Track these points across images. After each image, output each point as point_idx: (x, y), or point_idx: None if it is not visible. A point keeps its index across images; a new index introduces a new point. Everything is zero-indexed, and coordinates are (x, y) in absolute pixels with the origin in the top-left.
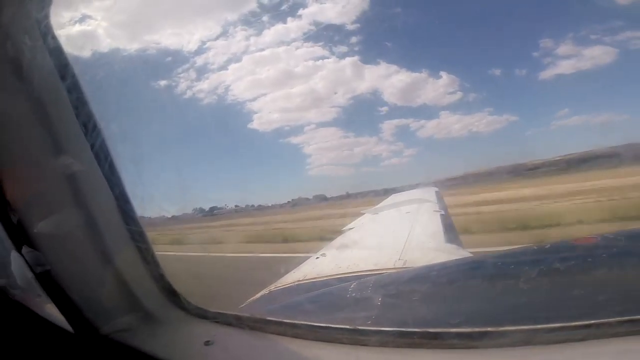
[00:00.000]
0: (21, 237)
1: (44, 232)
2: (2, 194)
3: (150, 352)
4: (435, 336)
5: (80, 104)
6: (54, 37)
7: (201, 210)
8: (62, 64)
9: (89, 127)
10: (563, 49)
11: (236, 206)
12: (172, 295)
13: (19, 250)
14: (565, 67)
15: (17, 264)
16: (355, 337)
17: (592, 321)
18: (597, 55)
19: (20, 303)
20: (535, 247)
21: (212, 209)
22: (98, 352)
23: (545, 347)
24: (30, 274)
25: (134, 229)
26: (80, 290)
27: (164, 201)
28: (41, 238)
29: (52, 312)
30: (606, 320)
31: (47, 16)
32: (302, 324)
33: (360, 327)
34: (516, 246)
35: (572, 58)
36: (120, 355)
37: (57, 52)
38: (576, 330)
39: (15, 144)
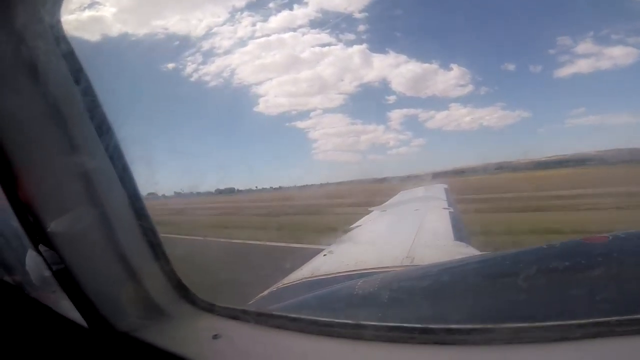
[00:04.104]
0: (38, 235)
1: (59, 230)
2: (19, 194)
3: (160, 345)
4: (438, 332)
5: (91, 101)
6: (67, 41)
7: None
8: (73, 64)
9: (101, 122)
10: (582, 47)
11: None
12: (181, 290)
13: (36, 248)
14: (583, 66)
15: (33, 261)
16: (358, 332)
17: (594, 320)
18: (618, 55)
19: (35, 299)
20: (545, 247)
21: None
22: (111, 346)
23: (549, 345)
24: (47, 272)
25: (145, 225)
26: (94, 286)
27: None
28: (57, 236)
29: (67, 307)
30: (606, 319)
31: (58, 20)
32: (306, 319)
33: (363, 322)
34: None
35: (591, 57)
36: (131, 349)
37: (69, 54)
38: (576, 328)
39: (31, 145)
